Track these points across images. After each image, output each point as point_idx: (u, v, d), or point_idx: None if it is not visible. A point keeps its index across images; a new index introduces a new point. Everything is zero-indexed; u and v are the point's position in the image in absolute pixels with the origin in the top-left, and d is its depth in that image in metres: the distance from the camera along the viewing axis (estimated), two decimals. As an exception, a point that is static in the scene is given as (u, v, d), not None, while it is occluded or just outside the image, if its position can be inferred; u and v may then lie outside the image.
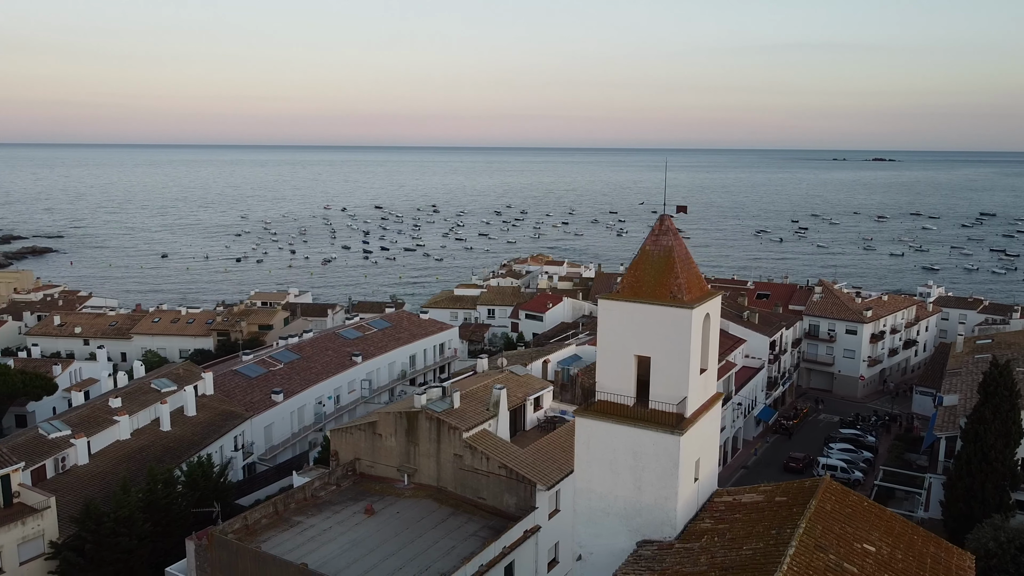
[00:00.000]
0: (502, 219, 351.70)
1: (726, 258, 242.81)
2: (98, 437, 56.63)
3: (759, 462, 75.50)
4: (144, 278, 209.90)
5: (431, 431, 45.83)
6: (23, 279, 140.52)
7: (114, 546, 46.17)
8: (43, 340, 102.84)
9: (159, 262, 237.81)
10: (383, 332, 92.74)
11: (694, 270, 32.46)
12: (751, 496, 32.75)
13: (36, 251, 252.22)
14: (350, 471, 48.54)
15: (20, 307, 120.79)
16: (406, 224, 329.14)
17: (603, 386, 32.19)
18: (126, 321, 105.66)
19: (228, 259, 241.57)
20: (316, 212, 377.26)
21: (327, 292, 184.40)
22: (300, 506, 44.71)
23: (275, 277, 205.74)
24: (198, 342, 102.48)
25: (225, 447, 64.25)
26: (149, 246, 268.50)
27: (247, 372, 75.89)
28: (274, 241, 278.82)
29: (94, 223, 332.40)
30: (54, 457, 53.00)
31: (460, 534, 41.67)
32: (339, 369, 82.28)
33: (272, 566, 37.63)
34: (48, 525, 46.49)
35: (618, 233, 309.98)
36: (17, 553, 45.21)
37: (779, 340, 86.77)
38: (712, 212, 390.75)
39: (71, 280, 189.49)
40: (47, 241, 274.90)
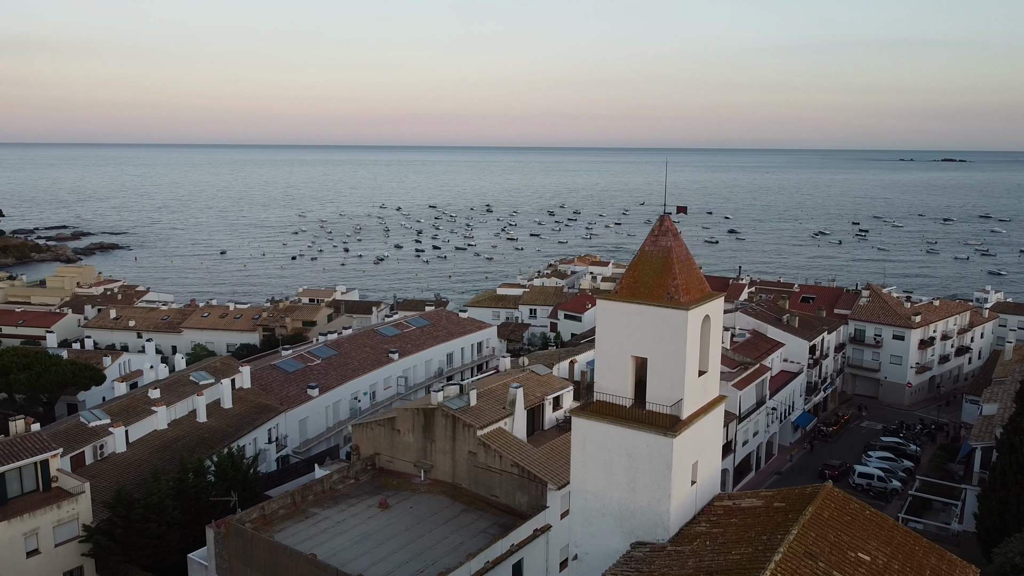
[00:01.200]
0: (554, 219, 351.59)
1: (779, 260, 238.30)
2: (136, 426, 58.81)
3: (794, 468, 74.05)
4: (202, 274, 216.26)
5: (447, 428, 46.39)
6: (86, 274, 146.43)
7: (143, 531, 47.92)
8: (99, 332, 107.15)
9: (218, 259, 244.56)
10: (421, 330, 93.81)
11: (694, 271, 32.20)
12: (751, 501, 32.33)
13: (104, 247, 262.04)
14: (369, 465, 49.44)
15: (82, 300, 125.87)
16: (459, 223, 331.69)
17: (601, 387, 32.20)
18: (177, 316, 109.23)
19: (284, 257, 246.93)
20: (371, 211, 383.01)
21: (377, 290, 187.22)
22: (318, 498, 45.76)
23: (328, 275, 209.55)
24: (244, 337, 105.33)
25: (259, 439, 65.95)
26: (210, 243, 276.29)
27: (285, 367, 77.69)
28: (329, 239, 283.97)
29: (160, 221, 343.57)
30: (93, 444, 55.25)
31: (470, 530, 42.10)
32: (376, 365, 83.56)
33: (283, 555, 38.66)
34: (82, 509, 48.54)
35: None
36: (52, 535, 47.35)
37: (820, 344, 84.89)
38: (769, 214, 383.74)
39: (134, 275, 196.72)
40: (114, 237, 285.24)
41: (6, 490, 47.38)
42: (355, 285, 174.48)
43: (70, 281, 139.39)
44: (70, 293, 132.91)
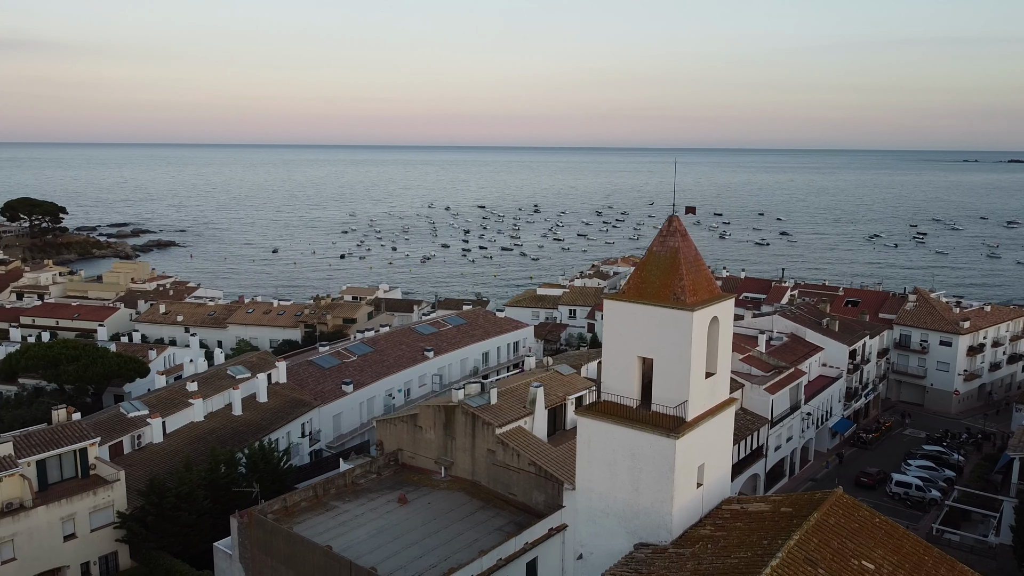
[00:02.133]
0: (602, 220, 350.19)
1: (831, 263, 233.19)
2: (173, 418, 60.67)
3: (830, 475, 72.51)
4: (254, 271, 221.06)
5: (467, 425, 46.81)
6: (140, 270, 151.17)
7: (175, 519, 49.47)
8: (149, 327, 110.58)
9: (270, 256, 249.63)
10: (457, 329, 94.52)
11: (703, 273, 31.97)
12: (758, 505, 31.95)
13: (161, 244, 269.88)
14: (392, 461, 50.15)
15: (136, 295, 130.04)
16: (506, 223, 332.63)
17: (608, 387, 32.20)
18: (223, 311, 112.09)
19: (333, 255, 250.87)
20: (420, 211, 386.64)
21: (421, 289, 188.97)
22: (340, 492, 46.62)
23: (375, 273, 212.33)
24: (287, 333, 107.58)
25: (292, 433, 67.36)
26: (262, 241, 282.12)
27: (321, 363, 79.11)
28: (378, 238, 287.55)
29: (216, 219, 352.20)
30: (131, 434, 57.20)
31: (486, 528, 42.42)
32: (411, 363, 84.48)
33: (300, 546, 39.54)
34: (117, 496, 50.33)
35: (720, 236, 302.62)
36: (89, 520, 49.22)
37: (861, 349, 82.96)
38: (824, 216, 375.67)
39: (188, 272, 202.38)
40: (171, 235, 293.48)
41: (47, 476, 49.41)
42: (400, 284, 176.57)
43: (125, 277, 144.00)
44: (125, 288, 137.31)
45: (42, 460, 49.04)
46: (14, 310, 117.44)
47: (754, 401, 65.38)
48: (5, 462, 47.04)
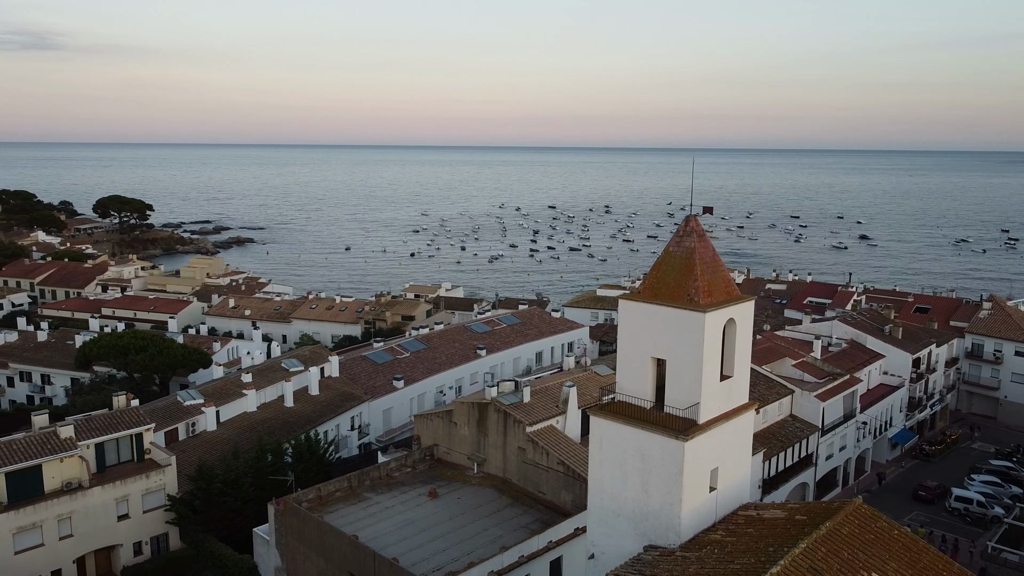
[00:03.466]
0: (673, 221, 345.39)
1: (910, 269, 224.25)
2: (227, 407, 63.07)
3: (886, 487, 70.01)
4: (325, 268, 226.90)
5: (499, 423, 47.20)
6: (215, 265, 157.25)
7: (221, 504, 51.41)
8: (219, 320, 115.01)
9: (342, 254, 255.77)
10: (511, 328, 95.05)
11: (720, 274, 31.48)
12: (774, 512, 31.27)
13: (240, 241, 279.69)
14: (428, 455, 50.96)
15: (210, 290, 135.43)
16: (576, 224, 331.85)
17: (622, 387, 32.04)
18: (288, 307, 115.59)
19: (403, 254, 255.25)
20: (491, 211, 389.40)
21: (486, 288, 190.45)
22: (374, 484, 47.68)
23: (443, 272, 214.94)
24: (347, 329, 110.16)
25: (342, 425, 69.07)
26: (337, 240, 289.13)
27: (375, 358, 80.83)
28: (448, 238, 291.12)
29: (294, 217, 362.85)
30: (186, 422, 59.78)
31: (512, 525, 42.72)
32: (463, 361, 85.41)
33: (328, 534, 40.68)
34: (169, 480, 52.67)
35: (796, 239, 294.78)
36: (141, 502, 51.67)
37: (926, 358, 79.70)
38: (908, 219, 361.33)
39: (263, 268, 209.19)
40: (251, 232, 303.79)
41: (104, 458, 52.12)
42: (466, 283, 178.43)
43: (201, 272, 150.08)
44: (200, 283, 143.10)
45: (100, 443, 51.74)
46: (97, 302, 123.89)
47: (804, 408, 63.68)
48: (66, 444, 49.85)
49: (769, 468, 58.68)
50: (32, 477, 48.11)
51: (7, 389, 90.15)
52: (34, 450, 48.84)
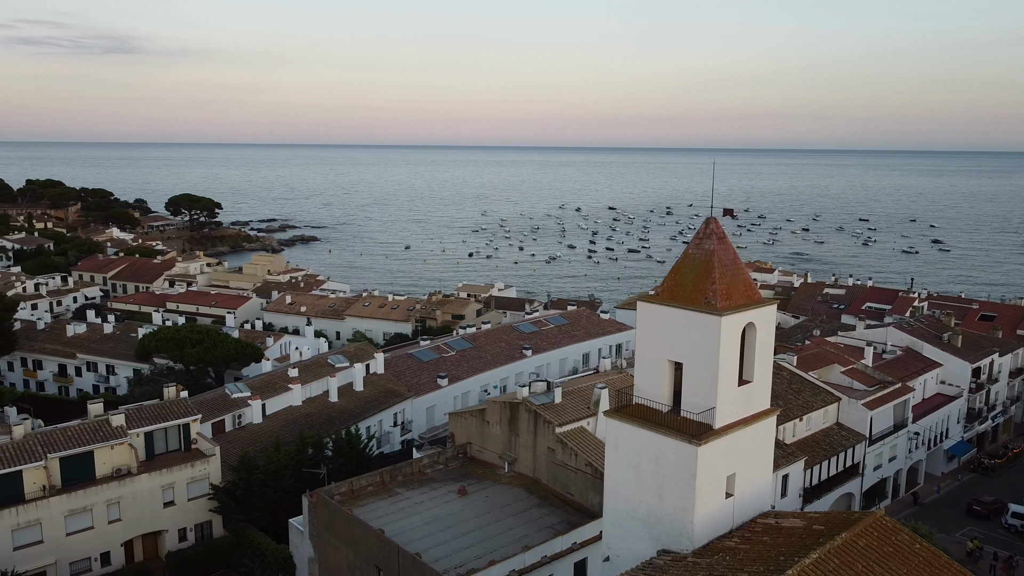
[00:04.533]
0: (737, 223, 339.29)
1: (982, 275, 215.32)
2: (273, 401, 64.84)
3: (939, 501, 67.57)
4: (384, 267, 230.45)
5: (529, 423, 47.35)
6: (276, 262, 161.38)
7: (261, 495, 52.86)
8: (275, 316, 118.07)
9: (402, 253, 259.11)
10: (559, 328, 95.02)
11: (740, 277, 30.99)
12: (793, 521, 30.64)
13: (304, 239, 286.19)
14: (461, 453, 51.44)
15: (270, 286, 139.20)
16: (636, 225, 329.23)
17: (639, 390, 31.85)
18: (342, 304, 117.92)
19: (462, 253, 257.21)
20: (551, 211, 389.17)
21: (542, 288, 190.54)
22: (406, 479, 48.39)
23: (500, 272, 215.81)
24: (399, 326, 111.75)
25: (384, 422, 70.23)
26: (398, 239, 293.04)
27: (420, 356, 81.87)
28: (507, 238, 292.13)
29: (358, 217, 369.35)
30: (232, 414, 61.71)
31: (538, 525, 42.81)
32: (508, 360, 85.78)
33: (356, 527, 41.50)
34: (213, 470, 54.42)
35: (864, 242, 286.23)
36: (187, 490, 53.53)
37: (987, 368, 76.55)
38: (987, 224, 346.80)
39: (324, 266, 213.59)
40: (314, 231, 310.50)
41: (153, 447, 54.20)
42: (522, 284, 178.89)
43: (262, 269, 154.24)
44: (261, 279, 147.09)
45: (149, 432, 53.82)
46: (162, 296, 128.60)
47: (851, 416, 61.96)
48: (117, 432, 52.03)
49: (811, 477, 57.29)
50: (84, 463, 50.36)
51: (75, 378, 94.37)
52: (87, 437, 51.12)
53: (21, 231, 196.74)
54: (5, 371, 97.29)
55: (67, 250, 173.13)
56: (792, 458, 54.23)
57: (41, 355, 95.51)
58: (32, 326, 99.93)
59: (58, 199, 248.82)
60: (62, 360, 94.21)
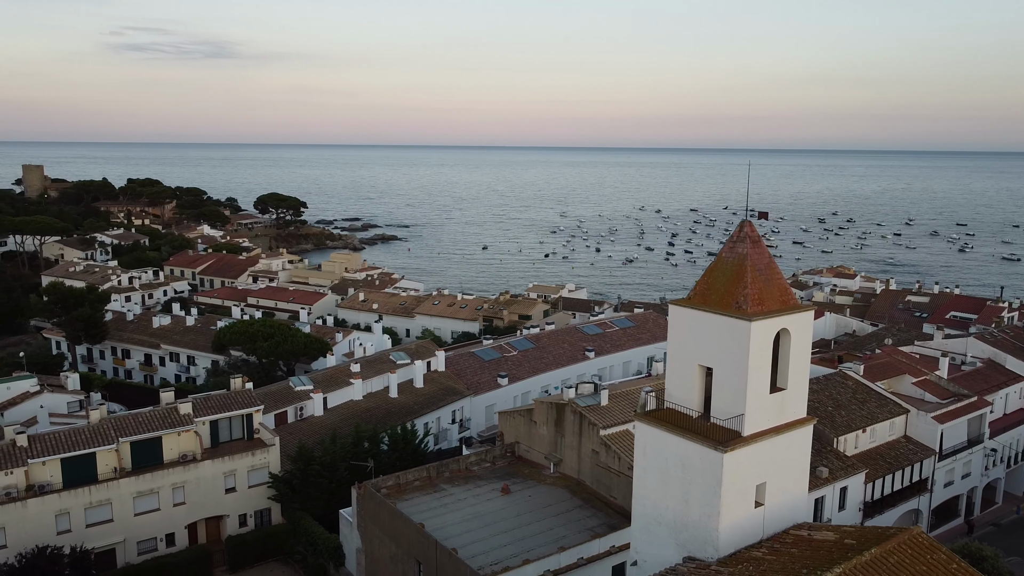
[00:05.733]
0: (823, 227, 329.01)
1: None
2: (335, 395, 66.71)
3: (1019, 523, 63.96)
4: (460, 266, 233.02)
5: (575, 424, 47.34)
6: (353, 260, 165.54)
7: (317, 485, 54.50)
8: (348, 312, 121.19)
9: (479, 253, 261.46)
10: (624, 331, 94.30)
11: (775, 282, 30.30)
12: (825, 534, 29.76)
13: (385, 238, 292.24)
14: (509, 452, 51.81)
15: (347, 284, 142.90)
16: (717, 228, 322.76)
17: (670, 394, 31.57)
18: (413, 302, 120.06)
19: (538, 254, 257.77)
20: (630, 213, 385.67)
21: (615, 290, 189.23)
22: (452, 476, 49.10)
23: (575, 273, 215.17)
24: (466, 325, 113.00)
25: (443, 418, 71.29)
26: (476, 239, 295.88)
27: (482, 355, 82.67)
28: (584, 239, 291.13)
29: (438, 216, 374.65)
30: (295, 406, 63.79)
31: (578, 526, 42.77)
32: (570, 362, 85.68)
33: (398, 520, 42.41)
34: (272, 459, 56.47)
35: (960, 248, 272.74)
36: (247, 478, 55.73)
37: (1078, 383, 71.87)
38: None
39: (402, 265, 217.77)
40: (396, 230, 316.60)
41: (218, 435, 56.63)
42: (597, 285, 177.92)
43: (340, 266, 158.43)
44: (339, 277, 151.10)
45: (215, 421, 56.28)
46: (244, 291, 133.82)
47: (919, 429, 59.33)
48: (184, 419, 54.63)
49: (873, 490, 55.17)
50: (153, 447, 53.09)
51: (159, 367, 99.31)
52: (156, 423, 53.87)
53: (120, 227, 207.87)
54: (97, 359, 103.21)
55: (160, 246, 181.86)
56: (852, 470, 52.40)
57: (129, 344, 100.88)
58: (122, 317, 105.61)
59: (155, 197, 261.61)
60: (148, 350, 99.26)
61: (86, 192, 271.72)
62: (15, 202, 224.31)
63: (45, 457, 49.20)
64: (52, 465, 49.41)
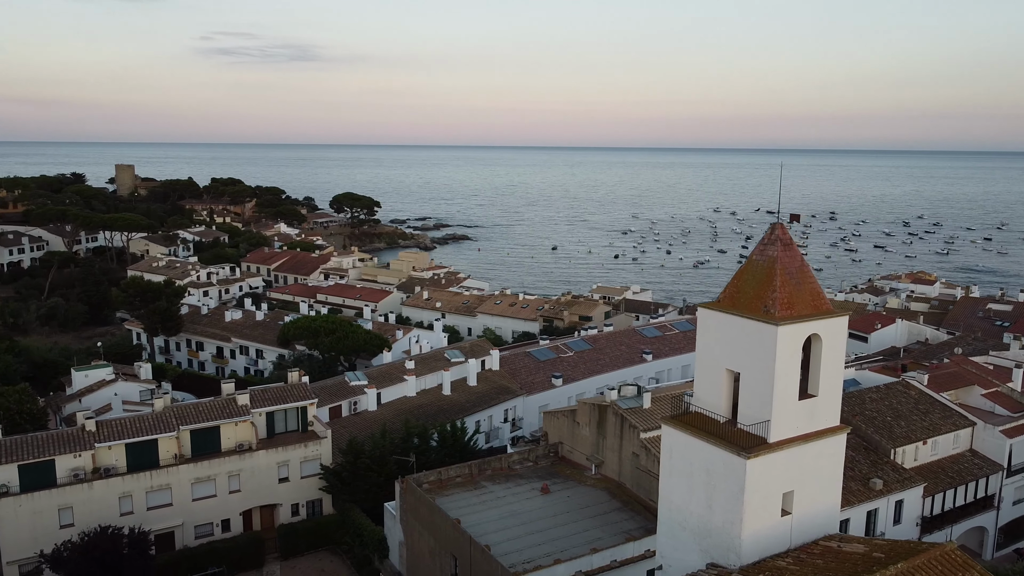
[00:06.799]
0: (908, 231, 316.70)
1: None
2: (388, 390, 68.08)
3: (1096, 545, 60.28)
4: (528, 266, 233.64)
5: (616, 426, 47.13)
6: (420, 259, 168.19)
7: (366, 478, 55.73)
8: (413, 310, 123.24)
9: (548, 254, 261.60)
10: (683, 334, 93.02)
11: (807, 286, 29.58)
12: (855, 547, 28.88)
13: (456, 238, 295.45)
14: (552, 452, 51.92)
15: (414, 282, 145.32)
16: (794, 230, 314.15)
17: (698, 399, 31.17)
18: (475, 301, 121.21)
19: (608, 255, 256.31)
20: (704, 215, 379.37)
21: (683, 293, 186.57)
22: (494, 473, 49.52)
23: (643, 275, 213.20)
24: (527, 325, 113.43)
25: (495, 417, 71.86)
26: (545, 239, 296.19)
27: (538, 355, 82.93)
28: (655, 241, 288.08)
29: (511, 217, 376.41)
30: (349, 400, 65.40)
31: (614, 528, 42.59)
32: (626, 364, 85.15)
33: (436, 515, 43.09)
34: (324, 451, 58.05)
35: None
36: (300, 469, 57.45)
37: None
38: None
39: (473, 264, 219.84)
40: (467, 230, 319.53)
41: (274, 426, 58.56)
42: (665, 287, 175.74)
43: (408, 265, 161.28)
44: (406, 275, 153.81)
45: (271, 412, 58.22)
46: (314, 288, 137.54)
47: (987, 444, 56.67)
48: (241, 410, 56.71)
49: (932, 505, 53.01)
50: (211, 436, 55.31)
51: (229, 360, 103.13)
52: (215, 413, 56.10)
53: (202, 225, 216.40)
54: (173, 350, 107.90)
55: (239, 243, 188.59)
56: (908, 483, 50.54)
57: (202, 337, 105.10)
58: (197, 311, 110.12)
59: (236, 196, 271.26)
60: (219, 343, 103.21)
61: (172, 191, 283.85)
62: (107, 200, 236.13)
63: (111, 442, 51.85)
64: (117, 449, 52.04)
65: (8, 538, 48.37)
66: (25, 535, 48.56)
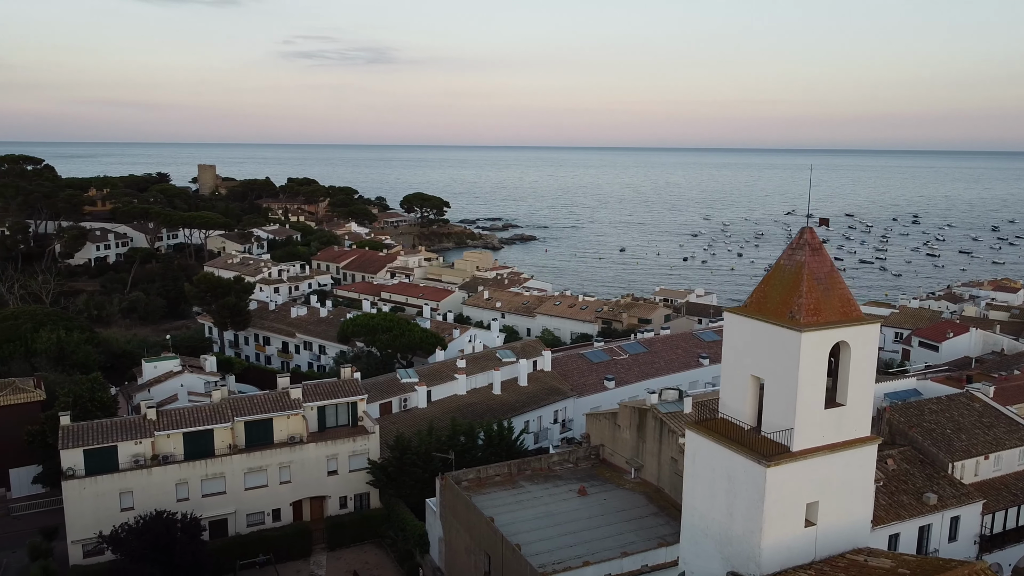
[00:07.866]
0: (997, 235, 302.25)
1: None
2: (439, 388, 69.02)
3: None
4: (594, 268, 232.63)
5: (656, 430, 46.72)
6: (484, 259, 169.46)
7: (412, 474, 56.63)
8: (473, 309, 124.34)
9: (616, 255, 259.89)
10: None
11: (836, 292, 28.85)
12: (882, 562, 28.01)
13: (523, 238, 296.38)
14: (593, 454, 51.80)
15: (477, 282, 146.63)
16: (874, 234, 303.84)
17: (723, 405, 30.76)
18: (535, 302, 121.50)
19: (676, 257, 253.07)
20: (779, 217, 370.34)
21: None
22: (533, 473, 49.73)
23: (711, 278, 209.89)
24: (585, 327, 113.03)
25: (544, 417, 72.00)
26: (614, 240, 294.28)
27: (591, 357, 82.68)
28: (726, 243, 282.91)
29: (580, 218, 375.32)
30: (399, 397, 66.57)
31: (648, 533, 42.24)
32: (682, 368, 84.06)
33: (472, 512, 43.59)
34: (372, 446, 59.27)
35: None
36: (348, 463, 58.81)
37: None
38: None
39: (539, 265, 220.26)
40: (535, 230, 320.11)
41: (325, 420, 60.12)
42: (733, 291, 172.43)
43: (472, 265, 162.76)
44: (470, 275, 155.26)
45: (322, 406, 59.77)
46: (378, 286, 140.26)
47: (1053, 460, 53.83)
48: (294, 403, 58.45)
49: (993, 523, 50.68)
50: (264, 428, 57.17)
51: (294, 355, 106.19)
52: (269, 406, 57.98)
53: (277, 223, 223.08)
54: (241, 344, 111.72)
55: (310, 241, 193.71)
56: (966, 499, 48.41)
57: (269, 332, 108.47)
58: (265, 306, 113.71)
59: (311, 195, 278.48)
60: (285, 338, 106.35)
61: (251, 190, 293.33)
62: (189, 199, 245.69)
63: (170, 430, 54.20)
64: (175, 438, 54.35)
65: (73, 518, 51.13)
66: (88, 516, 51.22)
